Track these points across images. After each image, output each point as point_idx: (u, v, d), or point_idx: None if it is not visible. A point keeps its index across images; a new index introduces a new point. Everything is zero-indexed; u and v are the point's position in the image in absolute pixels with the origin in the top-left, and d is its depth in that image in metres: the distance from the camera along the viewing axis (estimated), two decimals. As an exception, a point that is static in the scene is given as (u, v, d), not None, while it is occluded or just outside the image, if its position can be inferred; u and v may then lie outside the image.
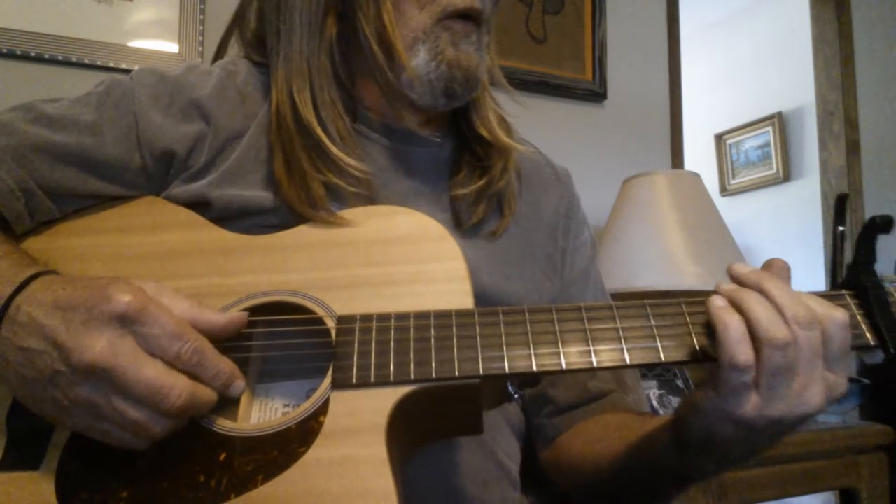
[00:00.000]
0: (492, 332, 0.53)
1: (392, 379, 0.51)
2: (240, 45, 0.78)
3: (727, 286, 0.51)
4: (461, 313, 0.54)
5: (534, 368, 0.51)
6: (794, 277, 0.53)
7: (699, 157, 3.49)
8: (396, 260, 0.58)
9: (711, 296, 0.51)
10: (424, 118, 0.74)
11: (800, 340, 0.47)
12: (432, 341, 0.52)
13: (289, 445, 0.50)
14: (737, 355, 0.47)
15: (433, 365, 0.51)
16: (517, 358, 0.52)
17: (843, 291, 0.55)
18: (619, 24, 1.96)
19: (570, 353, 0.52)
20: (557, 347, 0.52)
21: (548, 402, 0.76)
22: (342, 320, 0.55)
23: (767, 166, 3.29)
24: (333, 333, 0.54)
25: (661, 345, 0.52)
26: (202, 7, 1.44)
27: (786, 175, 3.20)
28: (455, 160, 0.75)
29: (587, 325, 0.53)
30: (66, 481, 0.51)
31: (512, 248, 0.73)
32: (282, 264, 0.59)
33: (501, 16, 1.77)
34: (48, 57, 1.31)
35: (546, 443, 0.76)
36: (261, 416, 0.56)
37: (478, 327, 0.53)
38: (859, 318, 0.53)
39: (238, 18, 0.78)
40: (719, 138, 3.56)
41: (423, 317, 0.54)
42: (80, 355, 0.46)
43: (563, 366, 0.51)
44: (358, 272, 0.58)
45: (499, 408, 0.71)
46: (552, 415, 0.75)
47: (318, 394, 0.52)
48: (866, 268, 0.54)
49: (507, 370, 0.51)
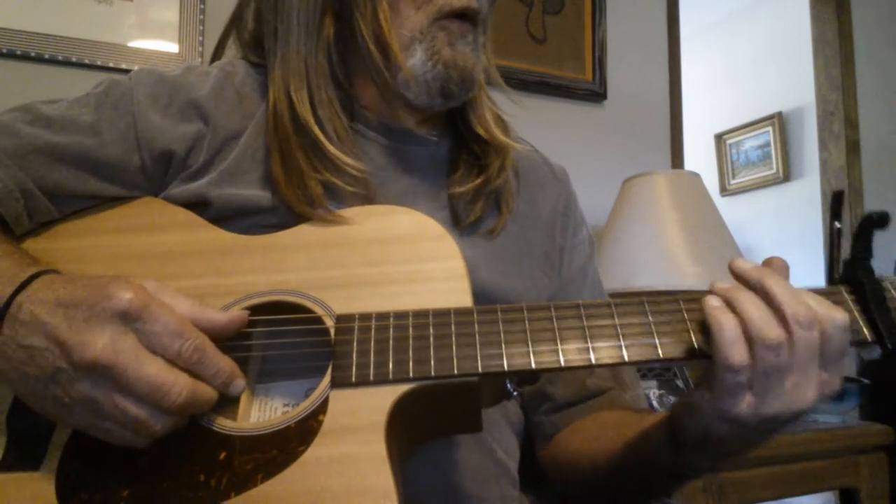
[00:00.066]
0: (490, 330, 0.53)
1: (391, 377, 0.51)
2: (237, 47, 0.78)
3: (722, 285, 0.51)
4: (460, 311, 0.54)
5: (532, 366, 0.51)
6: (794, 277, 0.52)
7: (699, 157, 3.49)
8: (395, 259, 0.58)
9: (706, 296, 0.51)
10: (421, 118, 0.75)
11: (798, 340, 0.47)
12: (431, 339, 0.52)
13: (288, 444, 0.50)
14: (731, 356, 0.47)
15: (432, 363, 0.51)
16: (516, 355, 0.52)
17: (840, 287, 0.55)
18: (619, 24, 1.96)
19: (569, 351, 0.52)
20: (556, 345, 0.52)
21: (546, 399, 0.76)
22: (341, 319, 0.55)
23: (767, 166, 3.29)
24: (332, 332, 0.54)
25: (658, 341, 0.52)
26: (202, 7, 1.44)
27: (786, 175, 3.21)
28: (452, 159, 0.75)
29: (585, 323, 0.53)
30: (66, 481, 0.50)
31: (510, 245, 0.74)
32: (280, 264, 0.59)
33: (501, 16, 1.78)
34: (48, 57, 1.31)
35: (544, 440, 0.76)
36: (260, 415, 0.56)
37: (476, 325, 0.53)
38: (856, 313, 0.53)
39: (235, 20, 0.78)
40: (719, 138, 3.56)
41: (421, 315, 0.54)
42: (82, 352, 0.46)
43: (562, 363, 0.51)
44: (357, 271, 0.58)
45: (498, 406, 0.71)
46: (550, 412, 0.76)
47: (317, 392, 0.52)
48: (863, 263, 0.54)
49: (505, 368, 0.51)
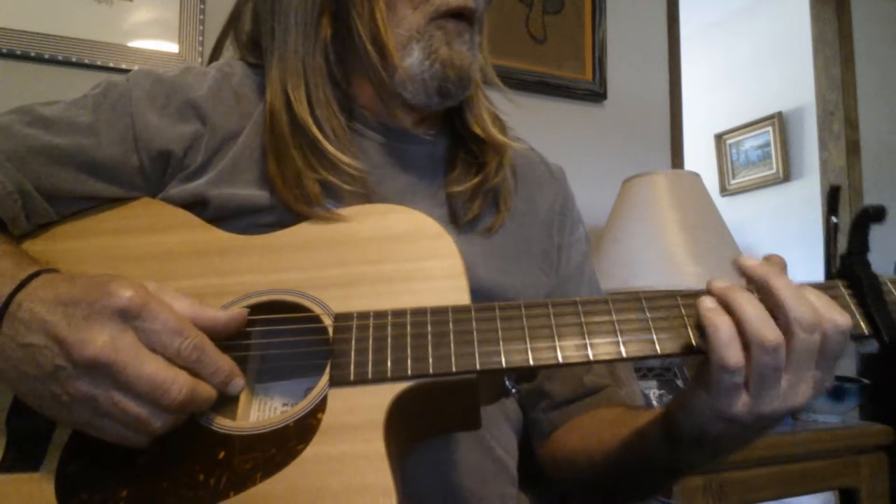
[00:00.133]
0: (488, 328, 0.53)
1: (389, 375, 0.51)
2: (235, 48, 0.79)
3: (720, 284, 0.51)
4: (457, 309, 0.54)
5: (530, 362, 0.51)
6: (794, 277, 0.52)
7: (699, 157, 3.49)
8: (393, 258, 0.58)
9: (701, 296, 0.51)
10: (418, 117, 0.75)
11: (799, 342, 0.47)
12: (429, 337, 0.52)
13: (287, 443, 0.50)
14: (727, 357, 0.47)
15: (430, 361, 0.51)
16: (514, 352, 0.52)
17: (837, 282, 0.55)
18: (619, 24, 1.96)
19: (567, 347, 0.52)
20: (554, 341, 0.52)
21: (544, 396, 0.76)
22: (339, 318, 0.55)
23: (767, 166, 3.29)
24: (330, 331, 0.54)
25: (656, 337, 0.52)
26: (202, 7, 1.44)
27: (786, 175, 3.20)
28: (450, 157, 0.76)
29: (583, 319, 0.53)
30: (65, 481, 0.51)
31: (508, 243, 0.74)
32: (279, 263, 0.59)
33: (501, 16, 1.78)
34: (48, 57, 1.31)
35: (542, 437, 0.76)
36: (259, 415, 0.56)
37: (474, 322, 0.53)
38: (853, 307, 0.53)
39: (233, 20, 0.79)
40: (719, 138, 3.56)
41: (419, 313, 0.54)
42: (82, 350, 0.46)
43: (560, 359, 0.51)
44: (355, 270, 0.58)
45: (496, 403, 0.72)
46: (548, 409, 0.76)
47: (315, 391, 0.52)
48: (860, 258, 0.54)
49: (503, 364, 0.51)
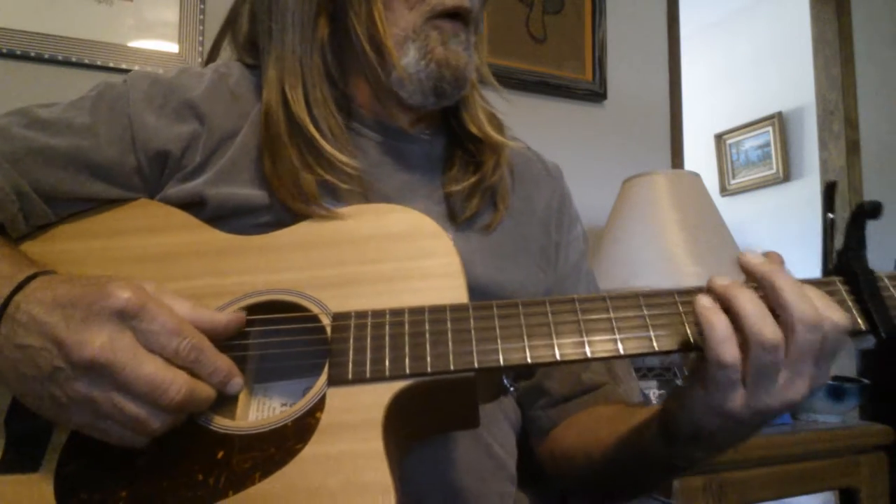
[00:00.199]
0: (486, 326, 0.53)
1: (388, 374, 0.51)
2: (232, 49, 0.79)
3: (721, 281, 0.51)
4: (455, 308, 0.54)
5: (528, 360, 0.51)
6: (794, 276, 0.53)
7: (699, 157, 3.49)
8: (391, 257, 0.58)
9: (698, 295, 0.51)
10: (415, 116, 0.75)
11: (799, 340, 0.47)
12: (427, 336, 0.52)
13: (286, 442, 0.50)
14: (722, 355, 0.48)
15: (428, 359, 0.51)
16: (512, 350, 0.52)
17: (834, 278, 0.55)
18: (619, 24, 1.96)
19: (565, 345, 0.52)
20: (552, 339, 0.52)
21: (543, 393, 0.77)
22: (337, 317, 0.55)
23: (767, 166, 3.29)
24: (329, 331, 0.54)
25: (653, 334, 0.52)
26: (202, 7, 1.44)
27: (786, 175, 3.20)
28: (447, 156, 0.76)
29: (580, 317, 0.53)
30: (64, 482, 0.51)
31: (506, 241, 0.74)
32: (277, 263, 0.59)
33: (501, 16, 1.78)
34: (48, 57, 1.31)
35: (541, 435, 0.77)
36: (258, 415, 0.56)
37: (472, 321, 0.53)
38: (850, 303, 0.53)
39: (230, 22, 0.79)
40: (719, 138, 3.56)
41: (417, 312, 0.54)
42: (80, 351, 0.46)
43: (558, 357, 0.51)
44: (353, 269, 0.58)
45: (495, 401, 0.72)
46: (547, 406, 0.76)
47: (314, 390, 0.52)
48: (856, 254, 0.54)
49: (501, 363, 0.51)
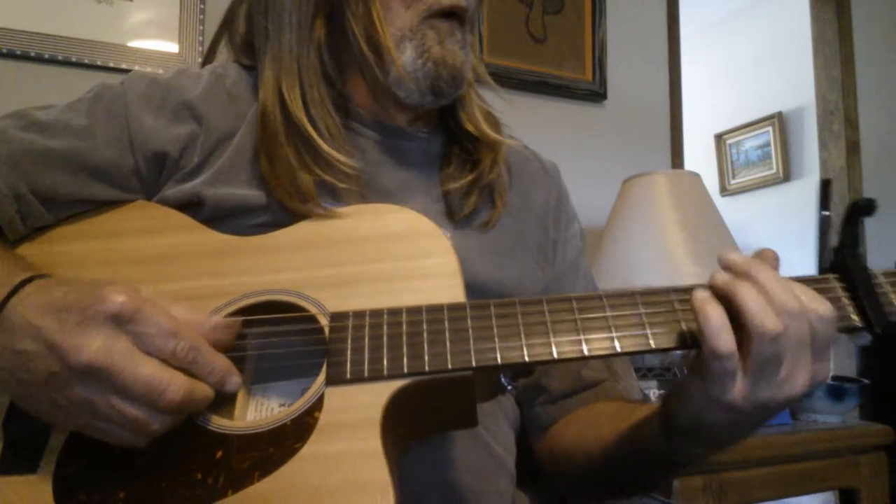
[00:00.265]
0: (484, 325, 0.53)
1: (386, 373, 0.51)
2: (229, 50, 0.79)
3: (722, 277, 0.51)
4: (453, 307, 0.54)
5: (526, 359, 0.52)
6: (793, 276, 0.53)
7: (699, 157, 3.48)
8: (389, 257, 0.59)
9: (696, 288, 0.51)
10: (413, 115, 0.75)
11: (789, 330, 0.48)
12: (425, 335, 0.53)
13: (284, 441, 0.50)
14: (718, 345, 0.48)
15: (426, 358, 0.52)
16: (509, 349, 0.52)
17: (829, 275, 0.55)
18: (619, 24, 1.96)
19: (562, 343, 0.52)
20: (549, 337, 0.52)
21: (542, 391, 0.77)
22: (335, 317, 0.55)
23: (767, 166, 3.29)
24: (327, 331, 0.54)
25: (650, 332, 0.52)
26: (202, 7, 1.45)
27: (786, 175, 3.20)
28: (445, 154, 0.76)
29: (577, 315, 0.53)
30: (63, 483, 0.51)
31: (504, 238, 0.74)
32: (274, 264, 0.59)
33: (501, 16, 1.78)
34: (48, 57, 1.31)
35: (540, 432, 0.77)
36: (257, 415, 0.57)
37: (469, 320, 0.53)
38: (845, 300, 0.53)
39: (227, 23, 0.79)
40: (719, 138, 3.56)
41: (415, 311, 0.54)
42: (76, 356, 0.46)
43: (555, 355, 0.52)
44: (350, 269, 0.58)
45: (493, 400, 0.72)
46: (546, 403, 0.76)
47: (312, 390, 0.52)
48: (851, 251, 0.54)
49: (499, 361, 0.51)
